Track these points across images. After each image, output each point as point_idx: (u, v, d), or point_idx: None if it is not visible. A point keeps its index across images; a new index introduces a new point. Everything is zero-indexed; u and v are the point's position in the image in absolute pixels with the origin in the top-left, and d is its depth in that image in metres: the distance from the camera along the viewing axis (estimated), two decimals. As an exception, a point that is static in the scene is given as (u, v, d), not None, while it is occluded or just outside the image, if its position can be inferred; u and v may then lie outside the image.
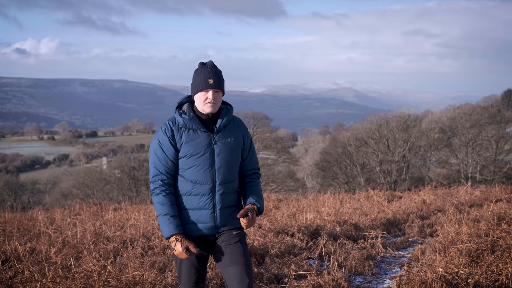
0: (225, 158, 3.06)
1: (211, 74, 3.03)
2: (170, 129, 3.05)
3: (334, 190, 15.33)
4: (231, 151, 3.08)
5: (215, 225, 3.07)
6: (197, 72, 3.08)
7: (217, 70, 3.08)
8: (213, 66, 3.07)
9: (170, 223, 2.98)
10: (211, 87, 3.02)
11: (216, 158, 3.04)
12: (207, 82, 3.01)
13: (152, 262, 5.31)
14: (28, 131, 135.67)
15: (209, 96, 3.03)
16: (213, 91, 3.03)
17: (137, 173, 32.93)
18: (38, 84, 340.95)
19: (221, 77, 3.09)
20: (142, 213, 9.55)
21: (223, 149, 3.05)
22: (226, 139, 3.07)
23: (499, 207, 8.05)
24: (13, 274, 4.83)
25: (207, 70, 3.04)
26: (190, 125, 3.04)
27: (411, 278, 4.46)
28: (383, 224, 7.85)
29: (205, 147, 3.03)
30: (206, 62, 3.10)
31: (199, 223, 3.06)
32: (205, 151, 3.03)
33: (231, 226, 3.11)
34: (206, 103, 3.04)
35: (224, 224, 3.09)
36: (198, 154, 3.03)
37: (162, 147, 3.05)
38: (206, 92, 3.03)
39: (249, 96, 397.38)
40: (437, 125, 38.35)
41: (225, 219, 3.08)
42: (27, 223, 8.64)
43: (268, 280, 4.86)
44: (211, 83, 3.01)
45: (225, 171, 3.06)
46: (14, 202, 24.89)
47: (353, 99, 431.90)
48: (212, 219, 3.05)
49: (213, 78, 3.02)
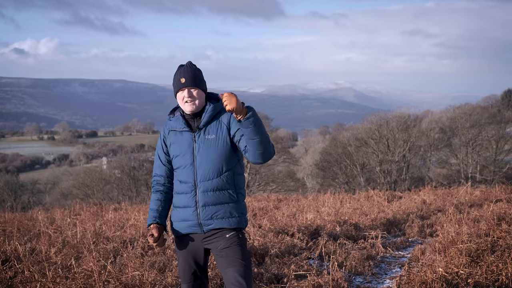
0: (205, 156, 3.08)
1: (183, 73, 3.10)
2: (163, 134, 3.25)
3: (334, 190, 15.33)
4: (211, 147, 3.09)
5: (198, 222, 3.10)
6: (174, 74, 3.17)
7: (192, 68, 3.12)
8: (188, 66, 3.14)
9: (149, 216, 3.21)
10: (184, 85, 3.09)
11: (196, 156, 3.10)
12: (180, 81, 3.10)
13: (152, 262, 5.31)
14: (28, 131, 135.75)
15: (184, 95, 3.10)
16: (187, 89, 3.09)
17: (137, 173, 32.95)
18: (38, 84, 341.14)
19: (197, 74, 3.12)
20: (142, 213, 9.55)
21: (202, 147, 3.09)
22: (205, 136, 3.10)
23: (499, 207, 8.05)
24: (13, 274, 4.83)
25: (180, 70, 3.13)
26: (174, 126, 3.18)
27: (411, 278, 4.46)
28: (383, 224, 7.85)
29: (187, 147, 3.12)
30: (185, 63, 3.17)
31: (185, 221, 3.13)
32: (186, 151, 3.12)
33: (217, 225, 3.08)
34: (184, 102, 3.11)
35: (207, 223, 3.09)
36: (181, 154, 3.14)
37: (158, 151, 3.28)
38: (182, 91, 3.11)
39: (249, 96, 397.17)
40: (437, 125, 38.37)
41: (209, 217, 3.08)
42: (27, 223, 8.64)
43: (268, 280, 4.86)
44: (183, 81, 3.08)
45: (206, 168, 3.08)
46: (14, 202, 24.89)
47: (353, 99, 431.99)
48: (196, 217, 3.10)
49: (184, 76, 3.09)
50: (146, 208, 11.20)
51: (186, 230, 3.15)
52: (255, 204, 11.18)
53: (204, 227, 3.10)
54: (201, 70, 3.18)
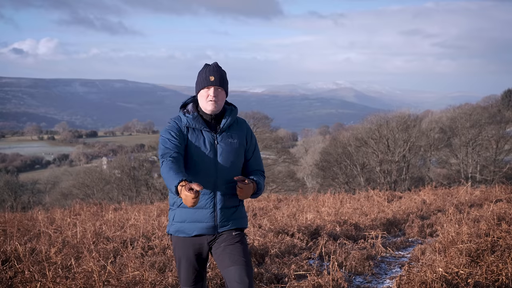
0: (227, 159, 3.06)
1: (212, 72, 3.08)
2: (177, 124, 3.09)
3: (334, 190, 15.32)
4: (233, 151, 3.09)
5: (214, 224, 3.07)
6: (200, 72, 3.14)
7: (220, 69, 3.13)
8: (216, 66, 3.13)
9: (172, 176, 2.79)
10: (212, 84, 3.05)
11: (219, 158, 3.05)
12: (209, 79, 3.06)
13: (152, 262, 5.31)
14: (28, 131, 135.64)
15: (210, 93, 3.06)
16: (214, 88, 3.06)
17: (137, 173, 32.90)
18: (38, 84, 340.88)
19: (224, 76, 3.12)
20: (142, 213, 9.55)
21: (225, 150, 3.06)
22: (229, 140, 3.09)
23: (499, 207, 8.05)
24: (13, 274, 4.83)
25: (209, 69, 3.10)
26: (193, 124, 3.07)
27: (411, 278, 4.46)
28: (383, 224, 7.85)
29: (208, 147, 3.05)
30: (211, 63, 3.16)
31: (199, 222, 3.07)
32: (208, 151, 3.05)
33: (231, 226, 3.11)
34: (208, 100, 3.06)
35: (224, 225, 3.09)
36: (200, 153, 3.05)
37: (171, 132, 3.03)
38: (208, 89, 3.07)
39: (249, 96, 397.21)
40: (437, 125, 38.33)
41: (225, 219, 3.08)
42: (27, 223, 8.64)
43: (268, 280, 4.86)
44: (212, 80, 3.05)
45: (227, 171, 3.06)
46: (14, 202, 24.92)
47: (353, 99, 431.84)
48: (212, 219, 3.06)
49: (214, 75, 3.07)
50: (146, 208, 11.19)
51: (198, 231, 3.08)
52: (255, 204, 11.18)
53: (219, 229, 3.09)
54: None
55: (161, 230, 7.18)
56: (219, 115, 3.12)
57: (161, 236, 6.75)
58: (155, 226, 7.56)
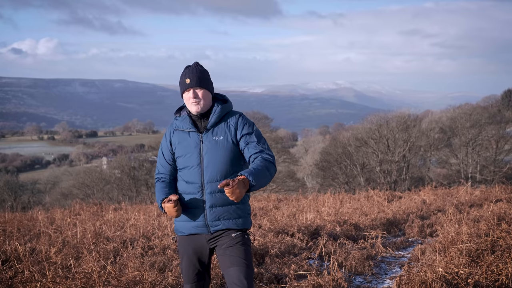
0: (213, 157, 3.08)
1: (188, 74, 3.12)
2: (169, 133, 3.24)
3: (334, 190, 15.33)
4: (219, 149, 3.09)
5: (205, 223, 3.11)
6: (180, 75, 3.17)
7: (197, 69, 3.13)
8: (194, 67, 3.15)
9: (158, 195, 3.20)
10: (189, 86, 3.10)
11: (204, 158, 3.09)
12: (185, 82, 3.12)
13: (152, 262, 5.31)
14: (28, 131, 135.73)
15: (189, 95, 3.11)
16: (192, 90, 3.10)
17: (137, 173, 32.90)
18: (38, 84, 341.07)
19: (203, 75, 3.13)
20: (142, 213, 9.55)
21: (210, 148, 3.09)
22: (214, 138, 3.10)
23: (499, 207, 8.05)
24: (13, 274, 4.83)
25: (186, 71, 3.14)
26: (181, 126, 3.18)
27: (411, 278, 4.46)
28: (383, 224, 7.85)
29: (193, 147, 3.12)
30: (191, 64, 3.19)
31: (192, 221, 3.14)
32: (193, 151, 3.11)
33: (224, 226, 3.10)
34: (190, 103, 3.12)
35: (215, 224, 3.10)
36: (187, 154, 3.13)
37: (163, 150, 3.26)
38: (188, 92, 3.12)
39: (249, 96, 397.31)
40: (437, 125, 38.35)
41: (216, 218, 3.09)
42: (27, 223, 8.64)
43: (268, 280, 4.86)
44: (188, 82, 3.10)
45: (213, 169, 3.07)
46: (14, 202, 24.92)
47: (353, 99, 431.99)
48: (202, 218, 3.10)
49: (189, 77, 3.10)
50: (146, 208, 11.20)
51: (191, 230, 3.15)
52: (255, 204, 11.18)
53: (211, 228, 3.11)
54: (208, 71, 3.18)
55: (161, 230, 7.18)
56: (208, 113, 3.16)
57: (161, 236, 6.75)
58: (155, 226, 7.56)
